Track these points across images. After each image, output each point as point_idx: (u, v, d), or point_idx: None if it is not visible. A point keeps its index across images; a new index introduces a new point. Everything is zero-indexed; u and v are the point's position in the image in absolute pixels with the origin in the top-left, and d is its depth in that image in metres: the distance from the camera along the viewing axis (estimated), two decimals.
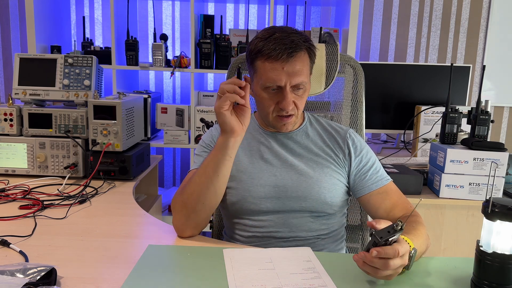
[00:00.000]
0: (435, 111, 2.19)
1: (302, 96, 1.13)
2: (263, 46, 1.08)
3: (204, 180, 1.06)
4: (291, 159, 1.18)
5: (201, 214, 1.08)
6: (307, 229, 1.14)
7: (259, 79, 1.11)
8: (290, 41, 1.06)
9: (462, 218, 1.69)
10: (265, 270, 0.90)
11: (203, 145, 1.22)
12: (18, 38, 2.72)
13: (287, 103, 1.09)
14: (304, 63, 1.10)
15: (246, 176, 1.15)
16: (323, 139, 1.22)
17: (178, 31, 2.75)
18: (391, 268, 0.81)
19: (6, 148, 1.58)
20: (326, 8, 2.75)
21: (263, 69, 1.09)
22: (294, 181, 1.14)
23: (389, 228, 0.81)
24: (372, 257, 0.80)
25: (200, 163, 1.14)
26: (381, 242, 0.80)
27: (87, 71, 1.61)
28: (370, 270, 0.83)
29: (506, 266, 0.79)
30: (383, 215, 1.15)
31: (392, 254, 0.80)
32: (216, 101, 1.02)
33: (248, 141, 1.21)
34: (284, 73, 1.07)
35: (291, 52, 1.06)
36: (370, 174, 1.18)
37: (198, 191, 1.06)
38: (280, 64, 1.07)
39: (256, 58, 1.10)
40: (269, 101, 1.12)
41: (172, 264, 0.93)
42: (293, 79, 1.08)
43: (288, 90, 1.09)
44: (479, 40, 2.73)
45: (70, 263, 0.92)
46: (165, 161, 2.88)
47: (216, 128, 1.26)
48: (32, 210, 1.24)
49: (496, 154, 1.59)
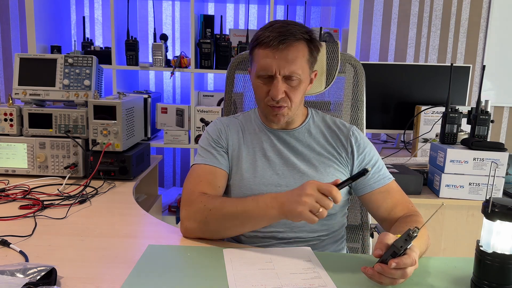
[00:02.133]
0: (435, 111, 2.18)
1: (296, 88, 1.10)
2: (261, 34, 1.08)
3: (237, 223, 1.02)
4: (293, 158, 1.17)
5: (218, 235, 1.07)
6: (308, 230, 1.14)
7: (254, 67, 1.11)
8: (286, 30, 1.06)
9: (462, 218, 1.69)
10: (265, 270, 0.90)
11: (211, 140, 1.19)
12: (18, 38, 2.72)
13: (276, 91, 1.07)
14: (300, 54, 1.08)
15: (249, 174, 1.15)
16: (325, 137, 1.21)
17: (178, 31, 2.75)
18: (409, 276, 0.81)
19: (6, 148, 1.58)
20: (326, 8, 2.75)
21: (257, 57, 1.10)
22: (297, 180, 1.14)
23: (405, 236, 0.81)
24: (391, 269, 0.80)
25: (208, 158, 1.14)
26: (401, 251, 0.80)
27: (87, 71, 1.61)
28: (388, 281, 0.82)
29: (506, 266, 0.79)
30: (384, 214, 1.15)
31: (410, 263, 0.80)
32: (306, 196, 0.90)
33: (251, 138, 1.21)
34: (276, 61, 1.06)
35: (283, 39, 1.05)
36: (373, 172, 1.17)
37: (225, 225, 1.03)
38: (272, 51, 1.06)
39: (254, 46, 1.11)
40: (261, 89, 1.12)
41: (172, 264, 0.92)
42: (285, 67, 1.06)
43: (279, 79, 1.07)
44: (479, 40, 2.73)
45: (70, 263, 0.92)
46: (165, 161, 2.88)
47: (222, 121, 1.24)
48: (32, 210, 1.24)
49: (496, 154, 1.59)
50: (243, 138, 1.21)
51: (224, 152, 1.18)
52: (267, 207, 0.96)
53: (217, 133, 1.21)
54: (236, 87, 1.47)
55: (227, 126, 1.23)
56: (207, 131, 1.22)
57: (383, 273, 0.81)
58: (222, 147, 1.19)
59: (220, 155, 1.17)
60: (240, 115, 1.28)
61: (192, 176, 1.14)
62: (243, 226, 1.02)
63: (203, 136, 1.23)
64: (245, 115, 1.28)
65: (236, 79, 1.46)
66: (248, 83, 1.47)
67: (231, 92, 1.47)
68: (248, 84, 1.47)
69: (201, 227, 1.04)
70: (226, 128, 1.22)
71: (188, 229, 1.06)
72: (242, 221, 1.00)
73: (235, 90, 1.47)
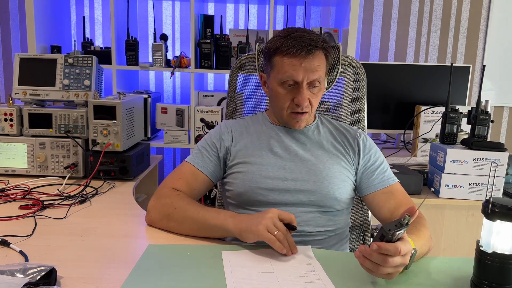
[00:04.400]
0: (435, 111, 2.18)
1: (317, 94, 1.16)
2: (282, 43, 1.12)
3: (194, 228, 1.07)
4: (302, 153, 1.19)
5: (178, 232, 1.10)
6: (314, 224, 1.14)
7: (276, 74, 1.14)
8: (309, 39, 1.11)
9: (462, 218, 1.69)
10: (264, 273, 0.89)
11: (208, 143, 1.23)
12: (18, 38, 2.72)
13: (303, 98, 1.12)
14: (321, 62, 1.14)
15: (254, 168, 1.16)
16: (334, 136, 1.25)
17: (178, 31, 2.75)
18: (390, 265, 0.80)
19: (6, 148, 1.58)
20: (326, 8, 2.75)
21: (281, 65, 1.13)
22: (304, 175, 1.15)
23: (396, 222, 0.81)
24: (372, 250, 0.80)
25: (197, 159, 1.19)
26: (389, 234, 0.80)
27: (87, 71, 1.61)
28: (371, 266, 0.82)
29: (506, 266, 0.79)
30: (387, 214, 1.15)
31: (393, 251, 0.79)
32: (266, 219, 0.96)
33: (258, 134, 1.23)
34: (302, 68, 1.11)
35: (310, 49, 1.10)
36: (377, 173, 1.19)
37: (184, 228, 1.08)
38: (299, 60, 1.10)
39: (274, 54, 1.14)
40: (284, 96, 1.15)
41: (172, 264, 0.92)
42: (311, 75, 1.11)
43: (305, 86, 1.12)
44: (479, 40, 2.73)
45: (70, 263, 0.92)
46: (165, 161, 2.88)
47: (226, 123, 1.27)
48: (32, 210, 1.24)
49: (496, 154, 1.59)
50: (249, 135, 1.24)
51: (216, 156, 1.21)
52: (226, 219, 1.02)
53: (217, 135, 1.24)
54: (238, 88, 1.48)
55: (231, 127, 1.26)
56: (209, 133, 1.27)
57: (364, 254, 0.82)
58: (216, 152, 1.21)
59: (209, 160, 1.20)
60: (248, 117, 1.32)
61: (175, 171, 1.20)
62: (199, 231, 1.07)
63: (204, 136, 1.26)
64: (252, 117, 1.32)
65: (238, 80, 1.47)
66: (248, 83, 1.48)
67: (234, 93, 1.48)
68: (248, 85, 1.48)
69: (164, 221, 1.11)
70: (230, 129, 1.25)
71: (152, 220, 1.13)
72: (199, 227, 1.06)
73: (237, 91, 1.48)
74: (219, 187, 1.42)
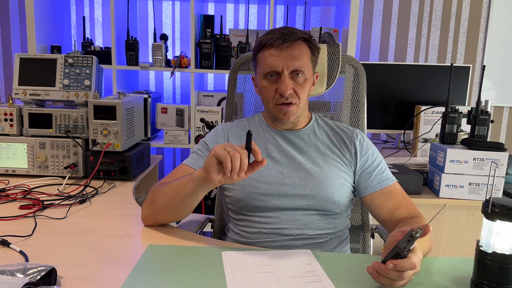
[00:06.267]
0: (435, 111, 2.18)
1: (302, 84, 1.15)
2: (263, 38, 1.14)
3: (172, 196, 1.06)
4: (299, 157, 1.18)
5: (162, 218, 1.12)
6: (314, 227, 1.14)
7: (260, 69, 1.15)
8: (288, 31, 1.13)
9: (462, 218, 1.69)
10: (264, 274, 0.89)
11: (203, 145, 1.24)
12: (18, 38, 2.72)
13: (285, 86, 1.11)
14: (303, 52, 1.14)
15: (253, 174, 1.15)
16: (330, 138, 1.23)
17: (178, 31, 2.75)
18: (406, 279, 0.81)
19: (6, 148, 1.58)
20: (326, 8, 2.75)
21: (262, 58, 1.14)
22: (302, 180, 1.15)
23: (408, 237, 0.80)
24: (388, 269, 0.80)
25: (191, 159, 1.19)
26: (404, 252, 0.80)
27: (87, 71, 1.61)
28: (386, 282, 0.82)
29: (506, 266, 0.79)
30: (386, 215, 1.15)
31: (409, 267, 0.79)
32: (221, 148, 0.91)
33: (255, 139, 1.22)
34: (281, 58, 1.11)
35: (286, 38, 1.11)
36: (375, 174, 1.18)
37: (164, 202, 1.08)
38: (277, 50, 1.11)
39: (258, 52, 1.16)
40: (268, 89, 1.15)
41: (172, 264, 0.92)
42: (290, 63, 1.11)
43: (286, 75, 1.12)
44: (479, 40, 2.73)
45: (70, 263, 0.92)
46: (165, 161, 2.88)
47: (223, 126, 1.28)
48: (32, 210, 1.24)
49: (496, 154, 1.59)
50: None
51: None
52: (196, 172, 1.00)
53: (212, 138, 1.24)
54: (238, 88, 1.48)
55: (227, 130, 1.26)
56: (206, 136, 1.27)
57: (379, 271, 0.81)
58: None
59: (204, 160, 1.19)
60: (245, 119, 1.32)
61: (171, 172, 1.20)
62: (176, 195, 1.04)
63: (200, 140, 1.27)
64: (249, 119, 1.31)
65: (238, 80, 1.47)
66: (248, 83, 1.48)
67: (233, 93, 1.47)
68: (247, 85, 1.48)
69: (150, 209, 1.11)
70: (226, 133, 1.25)
71: (143, 215, 1.14)
72: (176, 192, 1.03)
73: (237, 91, 1.48)
74: (219, 192, 1.42)
